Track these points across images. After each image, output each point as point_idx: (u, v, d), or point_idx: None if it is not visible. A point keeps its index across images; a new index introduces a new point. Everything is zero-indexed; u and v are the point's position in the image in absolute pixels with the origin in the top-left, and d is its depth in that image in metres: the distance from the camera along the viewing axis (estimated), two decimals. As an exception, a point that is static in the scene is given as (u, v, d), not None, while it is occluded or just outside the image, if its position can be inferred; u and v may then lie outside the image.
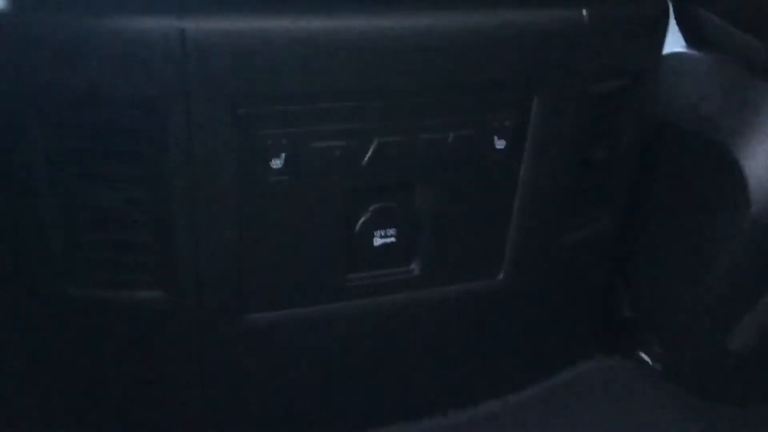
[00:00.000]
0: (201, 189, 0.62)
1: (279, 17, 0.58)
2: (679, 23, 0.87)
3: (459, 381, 0.85)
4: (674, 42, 0.87)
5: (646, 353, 0.98)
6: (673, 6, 0.85)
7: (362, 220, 0.70)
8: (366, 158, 0.66)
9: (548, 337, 0.90)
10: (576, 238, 0.82)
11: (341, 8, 0.61)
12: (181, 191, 0.61)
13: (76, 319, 0.68)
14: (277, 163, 0.63)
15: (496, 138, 0.70)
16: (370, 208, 0.70)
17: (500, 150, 0.71)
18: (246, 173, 0.62)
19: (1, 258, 0.66)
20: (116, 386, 0.72)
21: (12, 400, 0.73)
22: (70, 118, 0.58)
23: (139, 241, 0.64)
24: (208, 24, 0.56)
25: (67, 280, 0.65)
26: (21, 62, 0.56)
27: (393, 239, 0.72)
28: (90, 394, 0.72)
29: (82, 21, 0.55)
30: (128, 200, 0.62)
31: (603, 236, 0.86)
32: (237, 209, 0.64)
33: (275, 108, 0.61)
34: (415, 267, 0.75)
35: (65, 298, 0.66)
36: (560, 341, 0.92)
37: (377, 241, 0.71)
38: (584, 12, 0.68)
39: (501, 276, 0.79)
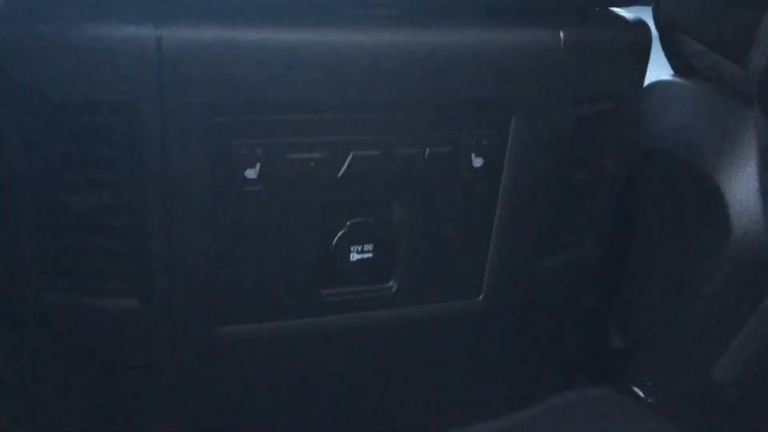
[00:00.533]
0: (175, 197, 0.62)
1: (256, 28, 0.60)
2: (664, 50, 0.88)
3: (437, 403, 0.84)
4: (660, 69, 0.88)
5: (637, 385, 0.96)
6: (658, 33, 0.86)
7: (339, 234, 0.70)
8: (341, 171, 0.66)
9: (531, 363, 0.89)
10: (558, 261, 0.82)
11: (319, 22, 0.62)
12: (155, 199, 0.62)
13: (51, 325, 0.68)
14: (251, 174, 0.64)
15: (473, 156, 0.71)
16: (347, 223, 0.70)
17: (477, 168, 0.71)
18: (220, 183, 0.63)
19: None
20: (88, 393, 0.71)
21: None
22: (48, 124, 0.59)
23: (113, 248, 0.65)
24: (185, 33, 0.58)
25: (42, 286, 0.66)
26: (3, 67, 0.57)
27: (370, 255, 0.72)
28: (63, 401, 0.72)
29: (61, 28, 0.56)
30: (103, 206, 0.63)
31: (586, 261, 0.85)
32: (211, 219, 0.64)
33: (251, 118, 0.62)
34: (392, 284, 0.74)
35: (40, 304, 0.66)
36: (545, 368, 0.91)
37: (354, 257, 0.71)
38: (561, 34, 0.69)
39: (481, 297, 0.79)
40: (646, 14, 0.81)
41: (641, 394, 0.95)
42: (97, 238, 0.64)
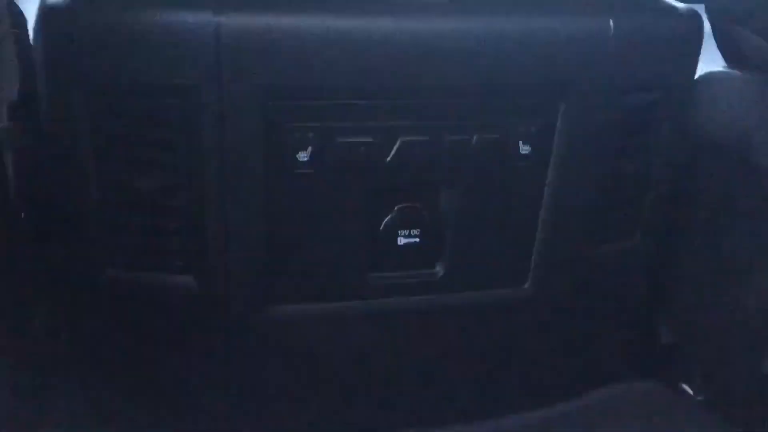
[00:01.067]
0: (230, 178, 0.65)
1: (310, 15, 0.62)
2: (717, 42, 0.87)
3: (482, 391, 0.85)
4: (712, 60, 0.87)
5: (685, 381, 0.95)
6: (711, 25, 0.86)
7: (387, 218, 0.72)
8: (390, 156, 0.68)
9: (577, 354, 0.89)
10: (605, 252, 0.82)
11: (371, 9, 0.64)
12: (212, 180, 0.65)
13: (113, 299, 0.72)
14: (303, 156, 0.66)
15: (521, 143, 0.71)
16: (395, 208, 0.72)
17: (525, 155, 0.72)
18: (273, 165, 0.66)
19: (45, 240, 0.71)
20: (144, 369, 0.75)
21: (52, 382, 0.77)
22: (114, 107, 0.63)
23: (172, 227, 0.68)
24: (242, 19, 0.60)
25: (106, 262, 0.69)
26: (70, 53, 0.61)
27: (417, 240, 0.73)
28: (120, 376, 0.76)
29: (127, 15, 0.60)
30: (163, 187, 0.66)
31: (635, 253, 0.85)
32: (264, 200, 0.67)
33: (303, 102, 0.64)
34: (438, 269, 0.76)
35: (104, 280, 0.70)
36: (591, 359, 0.91)
37: (401, 241, 0.73)
38: (611, 22, 0.69)
39: (527, 285, 0.79)
40: (699, 5, 0.81)
41: (690, 390, 0.93)
42: (157, 217, 0.67)
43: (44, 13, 0.61)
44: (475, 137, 0.70)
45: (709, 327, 0.89)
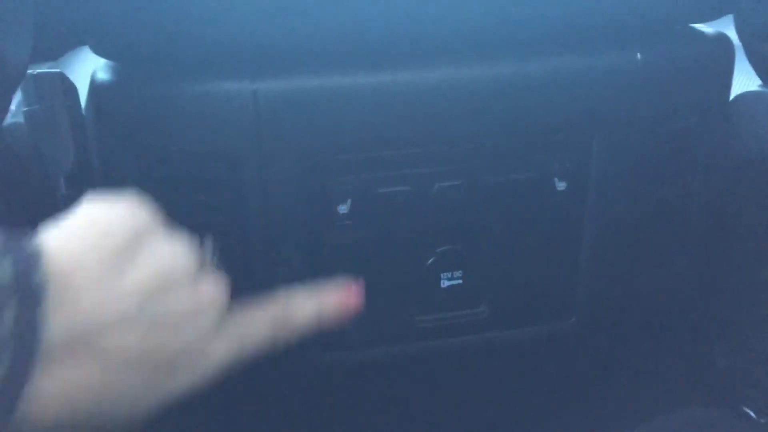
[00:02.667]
0: (274, 235, 0.68)
1: (341, 73, 0.65)
2: (750, 61, 0.86)
3: (537, 427, 0.85)
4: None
5: (747, 406, 0.93)
6: (742, 44, 0.85)
7: (429, 262, 0.73)
8: (428, 202, 0.70)
9: (631, 384, 0.88)
10: (651, 279, 0.81)
11: (399, 62, 0.66)
12: (256, 238, 0.67)
13: None
14: (343, 209, 0.68)
15: (556, 180, 0.72)
16: (437, 251, 0.73)
17: (561, 191, 0.73)
18: (315, 219, 0.68)
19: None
20: (201, 416, 0.77)
21: None
22: (161, 173, 0.66)
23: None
24: (278, 84, 0.63)
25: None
26: (119, 125, 0.65)
27: (460, 281, 0.74)
28: (179, 418, 0.78)
29: (170, 87, 0.63)
30: (210, 247, 0.69)
31: (682, 279, 0.84)
32: (308, 253, 0.69)
33: (341, 157, 0.67)
34: (483, 309, 0.76)
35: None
36: (645, 388, 0.90)
37: (444, 283, 0.74)
38: (638, 55, 0.70)
39: (573, 319, 0.79)
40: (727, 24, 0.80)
41: (752, 414, 0.91)
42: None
43: (94, 88, 0.66)
44: (510, 177, 0.71)
45: (766, 351, 0.87)
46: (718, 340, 0.95)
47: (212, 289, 0.45)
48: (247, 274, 0.69)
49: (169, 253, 0.43)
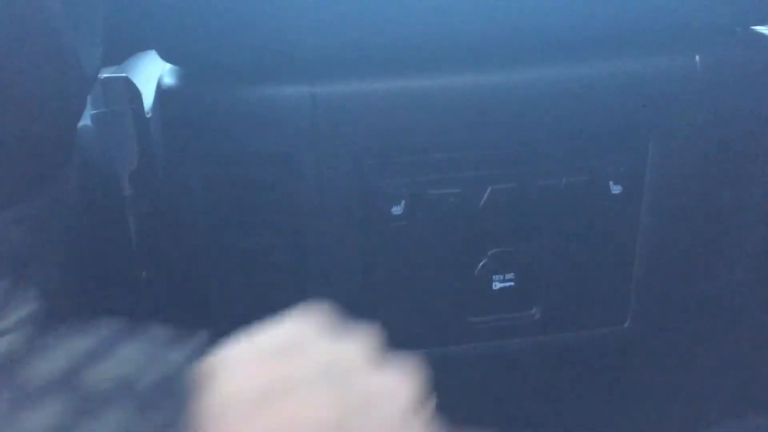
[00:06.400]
0: (330, 236, 0.69)
1: (396, 77, 0.66)
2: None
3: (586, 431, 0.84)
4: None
5: (807, 417, 0.90)
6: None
7: (481, 264, 0.73)
8: (481, 204, 0.70)
9: (686, 391, 0.87)
10: (707, 286, 0.80)
11: (454, 66, 0.67)
12: (312, 238, 0.69)
13: None
14: (397, 210, 0.69)
15: (611, 183, 0.72)
16: (489, 253, 0.73)
17: (616, 195, 0.72)
18: (370, 220, 0.69)
19: (164, 298, 0.77)
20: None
21: None
22: (223, 174, 0.68)
23: (278, 282, 0.72)
24: (335, 88, 0.65)
25: (219, 319, 0.74)
26: (184, 127, 0.67)
27: (512, 283, 0.74)
28: None
29: (232, 91, 0.65)
30: (269, 246, 0.71)
31: (738, 285, 0.82)
32: (362, 254, 0.70)
33: (395, 159, 0.68)
34: (535, 311, 0.76)
35: (216, 335, 0.75)
36: (702, 396, 0.88)
37: (496, 285, 0.74)
38: (697, 58, 0.69)
39: (627, 323, 0.78)
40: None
41: (813, 426, 0.89)
42: (263, 275, 0.72)
43: (161, 92, 0.68)
44: (564, 180, 0.71)
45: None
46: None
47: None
48: (304, 273, 0.70)
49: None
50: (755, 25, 0.76)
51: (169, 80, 0.67)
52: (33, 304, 0.42)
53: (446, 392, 0.80)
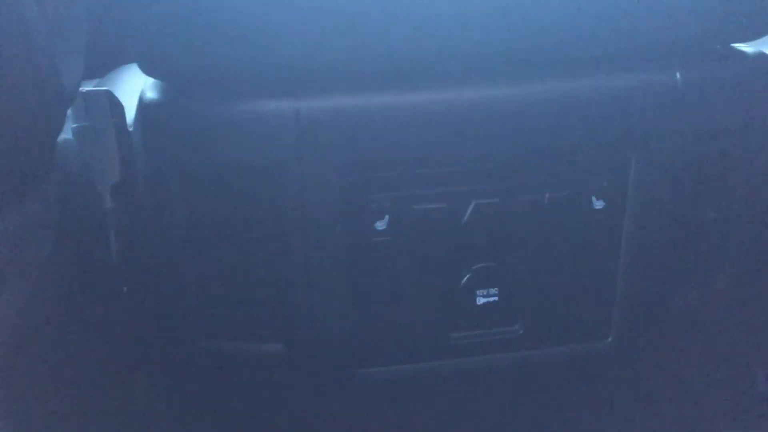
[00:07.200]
0: (314, 250, 0.69)
1: (380, 92, 0.66)
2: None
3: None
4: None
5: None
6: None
7: (464, 279, 0.73)
8: (465, 219, 0.70)
9: (668, 408, 0.87)
10: (689, 301, 0.80)
11: (437, 83, 0.67)
12: (295, 251, 0.69)
13: (208, 366, 0.76)
14: (381, 225, 0.69)
15: (594, 198, 0.72)
16: (472, 268, 0.73)
17: (598, 210, 0.72)
18: (354, 234, 0.69)
19: (146, 312, 0.76)
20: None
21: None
22: (205, 188, 0.68)
23: (260, 297, 0.72)
24: (318, 103, 0.65)
25: (201, 333, 0.74)
26: (165, 141, 0.67)
27: (496, 299, 0.74)
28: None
29: (215, 105, 0.65)
30: (252, 260, 0.70)
31: (720, 301, 0.83)
32: (346, 268, 0.70)
33: (379, 174, 0.68)
34: (518, 327, 0.76)
35: (200, 349, 0.74)
36: (682, 411, 0.88)
37: (480, 300, 0.74)
38: (677, 75, 0.70)
39: (609, 339, 0.79)
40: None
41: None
42: (247, 289, 0.71)
43: (143, 106, 0.68)
44: (547, 195, 0.71)
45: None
46: (759, 364, 0.93)
47: None
48: (287, 286, 0.70)
49: None
50: (734, 43, 0.77)
51: (151, 94, 0.66)
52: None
53: (429, 407, 0.80)
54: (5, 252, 0.58)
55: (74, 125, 0.73)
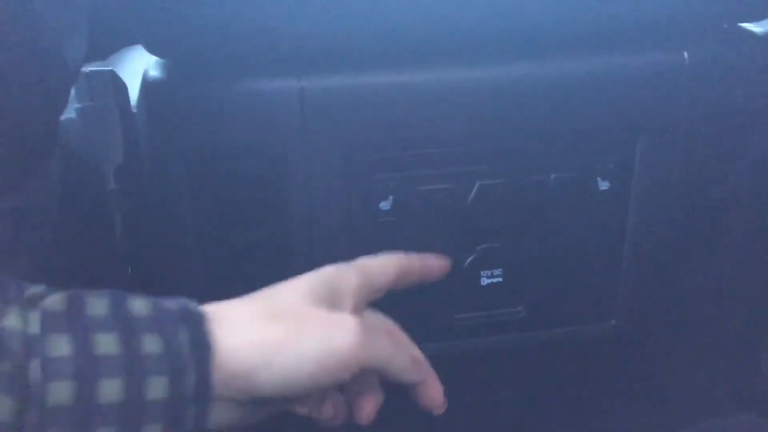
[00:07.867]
0: (317, 230, 0.69)
1: (385, 71, 0.65)
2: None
3: (571, 429, 0.84)
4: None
5: (792, 415, 0.91)
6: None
7: (469, 260, 0.73)
8: (469, 200, 0.70)
9: (671, 389, 0.87)
10: (695, 283, 0.80)
11: (442, 62, 0.67)
12: (299, 232, 0.68)
13: None
14: (385, 205, 0.69)
15: (599, 179, 0.72)
16: (477, 248, 0.73)
17: (604, 191, 0.72)
18: (358, 215, 0.69)
19: (150, 294, 0.76)
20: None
21: None
22: (209, 169, 0.68)
23: (264, 277, 0.72)
24: (323, 81, 0.64)
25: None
26: (169, 122, 0.67)
27: (500, 279, 0.74)
28: None
29: (219, 85, 0.65)
30: (256, 242, 0.70)
31: (726, 283, 0.83)
32: (350, 249, 0.70)
33: (383, 154, 0.67)
34: (522, 308, 0.76)
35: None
36: (686, 394, 0.88)
37: (484, 281, 0.74)
38: (685, 54, 0.69)
39: (613, 321, 0.78)
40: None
41: (797, 423, 0.89)
42: (251, 268, 0.71)
43: (146, 85, 0.67)
44: (552, 176, 0.71)
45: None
46: (764, 348, 0.93)
47: None
48: (292, 268, 0.70)
49: None
50: (742, 22, 0.76)
51: (155, 73, 0.66)
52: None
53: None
54: (9, 231, 0.58)
55: (78, 105, 0.73)
